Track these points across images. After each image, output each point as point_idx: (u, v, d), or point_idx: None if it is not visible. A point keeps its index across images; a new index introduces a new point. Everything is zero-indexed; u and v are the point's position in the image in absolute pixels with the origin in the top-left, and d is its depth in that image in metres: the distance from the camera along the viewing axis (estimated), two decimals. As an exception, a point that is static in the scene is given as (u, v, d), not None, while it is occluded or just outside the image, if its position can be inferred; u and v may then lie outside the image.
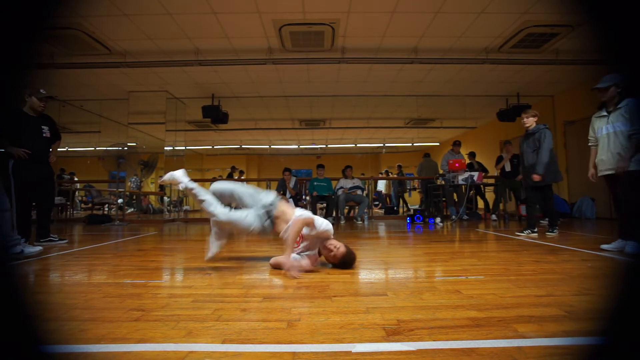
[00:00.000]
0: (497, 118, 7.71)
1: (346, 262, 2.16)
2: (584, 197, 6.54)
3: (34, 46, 0.79)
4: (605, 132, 2.94)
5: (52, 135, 3.47)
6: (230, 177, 11.02)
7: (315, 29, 4.73)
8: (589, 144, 3.15)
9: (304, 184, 7.50)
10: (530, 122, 3.87)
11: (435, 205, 6.51)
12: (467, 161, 7.32)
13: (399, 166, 11.36)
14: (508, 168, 6.35)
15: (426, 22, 4.61)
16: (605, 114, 2.97)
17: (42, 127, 3.37)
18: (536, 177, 3.71)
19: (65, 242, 3.49)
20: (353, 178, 6.80)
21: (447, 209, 7.03)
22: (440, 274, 2.06)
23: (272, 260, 2.22)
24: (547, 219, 4.33)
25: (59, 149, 3.67)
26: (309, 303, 1.47)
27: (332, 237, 2.21)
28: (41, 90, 3.31)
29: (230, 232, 2.47)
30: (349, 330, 1.16)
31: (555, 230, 3.82)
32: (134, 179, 9.07)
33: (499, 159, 6.76)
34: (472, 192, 6.46)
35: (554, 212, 3.92)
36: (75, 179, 9.60)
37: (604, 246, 2.81)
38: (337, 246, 2.15)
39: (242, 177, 11.39)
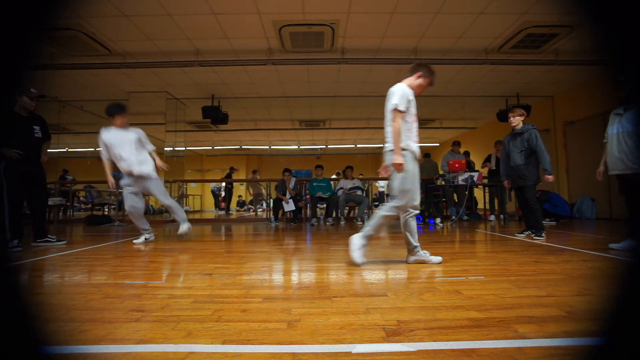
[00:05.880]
0: (497, 118, 7.71)
1: None
2: (584, 198, 6.53)
3: (34, 47, 0.79)
4: (615, 130, 2.86)
5: (43, 136, 3.39)
6: (228, 177, 10.98)
7: (315, 29, 4.73)
8: (604, 140, 3.05)
9: (303, 184, 7.49)
10: (517, 121, 3.78)
11: (435, 205, 6.51)
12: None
13: None
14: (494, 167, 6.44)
15: (426, 23, 4.62)
16: (621, 111, 2.87)
17: (34, 127, 3.29)
18: (550, 178, 3.54)
19: (63, 244, 3.48)
20: (353, 179, 6.80)
21: (447, 209, 7.02)
22: (440, 274, 2.06)
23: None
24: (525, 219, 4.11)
25: (58, 150, 3.65)
26: (309, 304, 1.47)
27: None
28: (32, 90, 3.22)
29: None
30: (349, 330, 1.16)
31: (542, 234, 3.61)
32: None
33: (487, 159, 6.84)
34: (465, 192, 6.48)
35: (540, 215, 3.73)
36: (70, 177, 9.53)
37: (612, 245, 2.78)
38: None
39: (257, 176, 10.86)
